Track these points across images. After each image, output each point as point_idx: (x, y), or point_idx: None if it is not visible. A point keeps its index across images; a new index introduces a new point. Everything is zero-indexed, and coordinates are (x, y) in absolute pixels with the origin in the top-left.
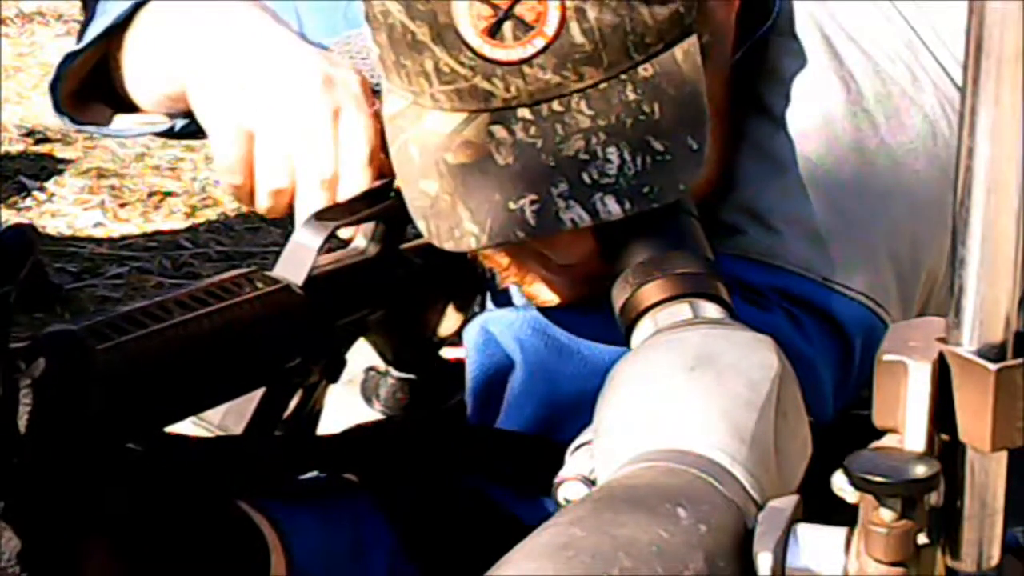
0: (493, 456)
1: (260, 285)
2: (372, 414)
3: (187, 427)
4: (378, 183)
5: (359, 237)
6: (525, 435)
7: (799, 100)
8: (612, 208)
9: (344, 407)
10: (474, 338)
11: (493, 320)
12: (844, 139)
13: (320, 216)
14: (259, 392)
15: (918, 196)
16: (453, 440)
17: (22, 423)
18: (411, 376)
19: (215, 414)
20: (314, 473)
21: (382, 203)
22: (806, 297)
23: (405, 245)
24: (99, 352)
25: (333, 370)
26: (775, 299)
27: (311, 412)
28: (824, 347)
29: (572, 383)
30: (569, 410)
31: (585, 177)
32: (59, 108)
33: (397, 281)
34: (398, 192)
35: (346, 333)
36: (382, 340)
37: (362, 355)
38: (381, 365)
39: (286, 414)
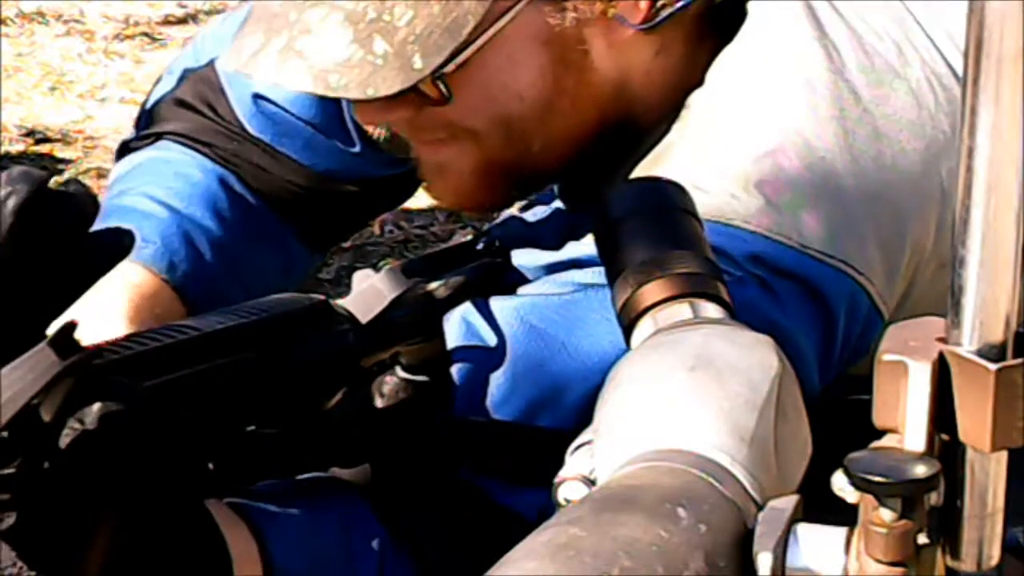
0: (479, 447)
1: (323, 323)
2: None
3: None
4: (466, 239)
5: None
6: (509, 424)
7: (780, 66)
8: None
9: None
10: (455, 330)
11: (473, 311)
12: (825, 107)
13: (405, 268)
14: None
15: (902, 167)
16: (439, 432)
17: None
18: (419, 378)
19: None
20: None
21: (469, 262)
22: (783, 264)
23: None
24: (147, 390)
25: (358, 387)
26: (749, 267)
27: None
28: (802, 316)
29: (554, 372)
30: (552, 398)
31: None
32: None
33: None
34: (483, 251)
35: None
36: (412, 357)
37: None
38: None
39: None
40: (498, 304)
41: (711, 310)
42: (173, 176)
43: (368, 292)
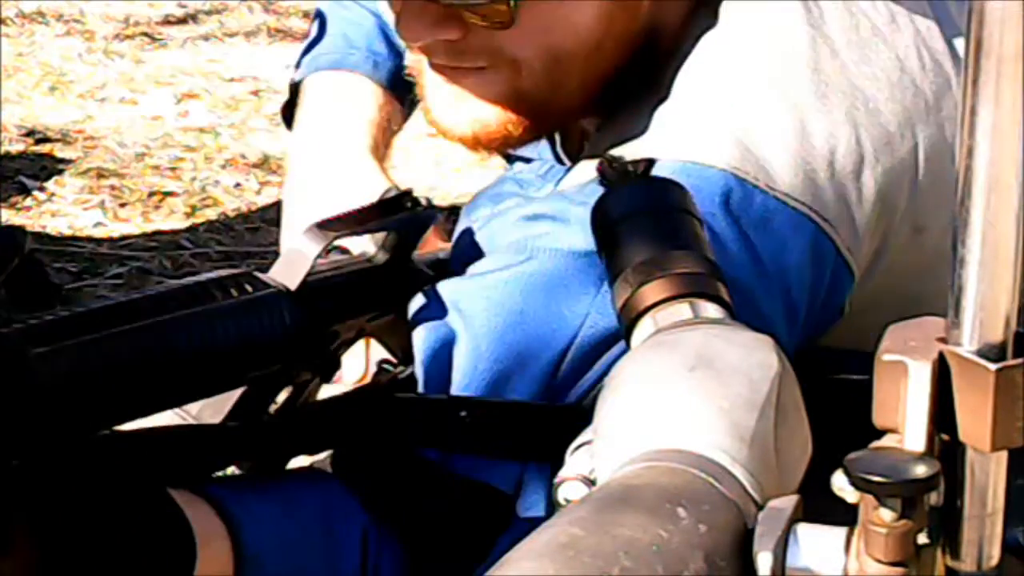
0: (446, 425)
1: (248, 288)
2: None
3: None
4: (391, 194)
5: (369, 244)
6: (475, 400)
7: (755, 13)
8: None
9: None
10: (419, 312)
11: (437, 291)
12: (800, 57)
13: (323, 225)
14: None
15: (879, 123)
16: (405, 413)
17: None
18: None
19: (193, 405)
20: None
21: (393, 215)
22: (748, 203)
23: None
24: (36, 357)
25: (326, 369)
26: (714, 207)
27: (303, 406)
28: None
29: (515, 343)
30: (516, 370)
31: None
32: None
33: (402, 289)
34: (410, 204)
35: (343, 335)
36: (390, 339)
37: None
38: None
39: (275, 408)
40: (460, 283)
41: (711, 310)
42: None
43: (290, 256)
